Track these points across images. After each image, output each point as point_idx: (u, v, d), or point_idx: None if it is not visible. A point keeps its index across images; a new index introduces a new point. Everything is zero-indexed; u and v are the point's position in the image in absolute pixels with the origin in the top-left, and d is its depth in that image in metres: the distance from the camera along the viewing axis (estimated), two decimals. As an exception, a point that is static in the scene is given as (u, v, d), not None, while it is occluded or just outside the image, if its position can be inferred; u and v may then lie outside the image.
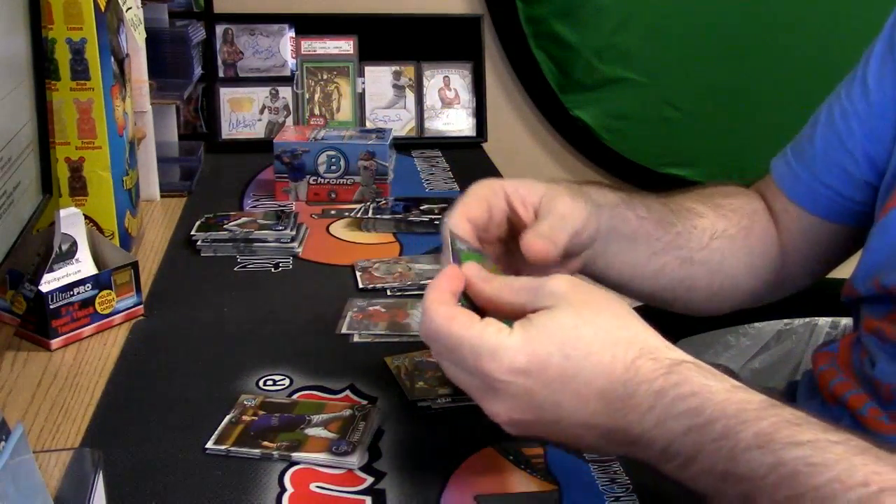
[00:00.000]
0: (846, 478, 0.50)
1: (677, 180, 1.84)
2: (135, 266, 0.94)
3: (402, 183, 1.40)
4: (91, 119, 1.02)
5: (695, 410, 0.55)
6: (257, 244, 1.12)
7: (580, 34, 1.77)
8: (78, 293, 0.90)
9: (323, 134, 1.35)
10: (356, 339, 0.91)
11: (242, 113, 1.60)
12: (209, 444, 0.72)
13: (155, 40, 1.36)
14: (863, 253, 0.83)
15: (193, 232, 1.14)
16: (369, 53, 1.64)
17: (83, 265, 0.92)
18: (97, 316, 0.91)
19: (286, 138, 1.33)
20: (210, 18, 1.60)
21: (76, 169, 1.03)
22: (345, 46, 1.63)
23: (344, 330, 0.93)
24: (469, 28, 1.69)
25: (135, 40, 1.20)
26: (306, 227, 1.19)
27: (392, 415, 0.78)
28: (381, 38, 1.65)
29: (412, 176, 1.47)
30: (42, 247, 0.92)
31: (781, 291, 0.94)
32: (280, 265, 1.09)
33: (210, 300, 1.00)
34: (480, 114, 1.67)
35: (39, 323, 0.88)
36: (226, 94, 1.60)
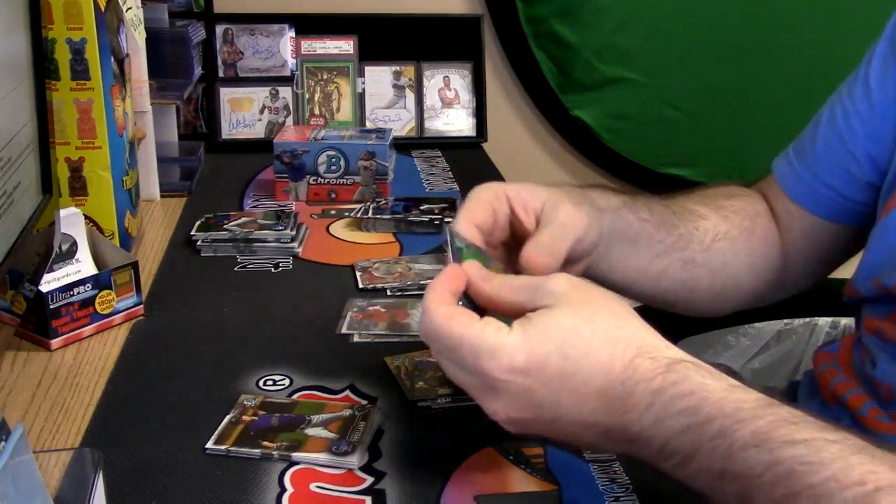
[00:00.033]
0: (842, 476, 0.50)
1: (677, 180, 1.84)
2: (135, 266, 0.95)
3: (402, 183, 1.40)
4: (91, 119, 1.02)
5: (692, 409, 0.55)
6: (257, 244, 1.12)
7: (580, 34, 1.77)
8: (78, 293, 0.90)
9: (323, 134, 1.35)
10: (356, 339, 0.91)
11: (242, 113, 1.60)
12: (209, 444, 0.72)
13: (155, 40, 1.36)
14: (864, 253, 0.82)
15: (193, 232, 1.14)
16: (369, 53, 1.64)
17: (83, 265, 0.92)
18: (97, 316, 0.91)
19: (286, 138, 1.33)
20: (210, 18, 1.60)
21: (76, 169, 1.03)
22: (345, 46, 1.63)
23: (344, 330, 0.93)
24: (469, 28, 1.69)
25: (135, 40, 1.20)
26: (306, 227, 1.19)
27: (392, 415, 0.77)
28: (381, 38, 1.65)
29: (412, 176, 1.47)
30: (42, 247, 0.92)
31: (783, 292, 0.94)
32: (280, 265, 1.09)
33: (210, 300, 1.00)
34: (480, 114, 1.67)
35: (39, 323, 0.88)
36: (226, 94, 1.60)
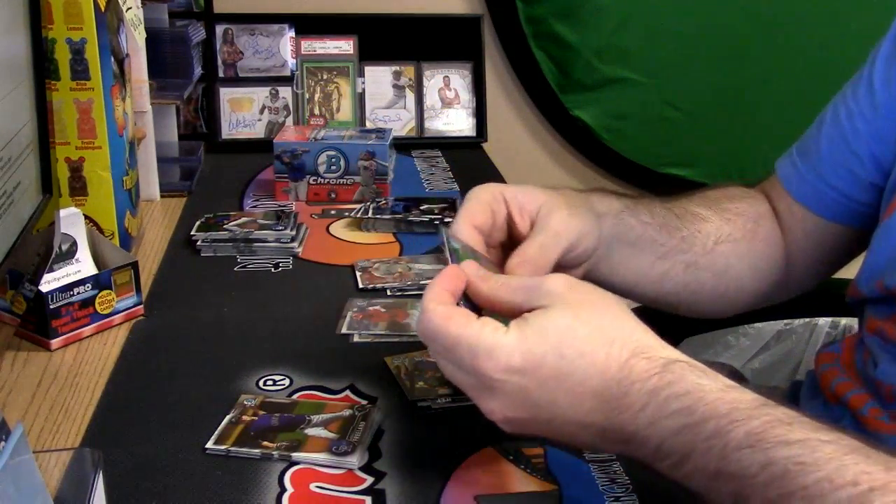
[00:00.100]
0: (836, 477, 0.50)
1: (677, 180, 1.84)
2: (135, 266, 0.94)
3: (402, 183, 1.40)
4: (91, 119, 1.02)
5: (687, 409, 0.55)
6: (257, 244, 1.12)
7: (580, 34, 1.77)
8: (78, 293, 0.90)
9: (323, 134, 1.35)
10: (356, 339, 0.91)
11: (242, 113, 1.60)
12: (209, 444, 0.72)
13: (155, 40, 1.36)
14: (867, 254, 0.82)
15: (193, 232, 1.14)
16: (369, 53, 1.64)
17: (83, 265, 0.92)
18: (97, 316, 0.91)
19: (286, 138, 1.33)
20: (210, 18, 1.60)
21: (76, 169, 1.03)
22: (345, 46, 1.63)
23: (344, 330, 0.93)
24: (469, 28, 1.69)
25: (135, 40, 1.20)
26: (306, 227, 1.19)
27: (392, 415, 0.78)
28: (381, 38, 1.65)
29: (412, 176, 1.47)
30: (42, 247, 0.92)
31: (787, 293, 0.93)
32: (280, 265, 1.09)
33: (210, 300, 1.00)
34: (480, 114, 1.67)
35: (39, 323, 0.88)
36: (226, 94, 1.60)
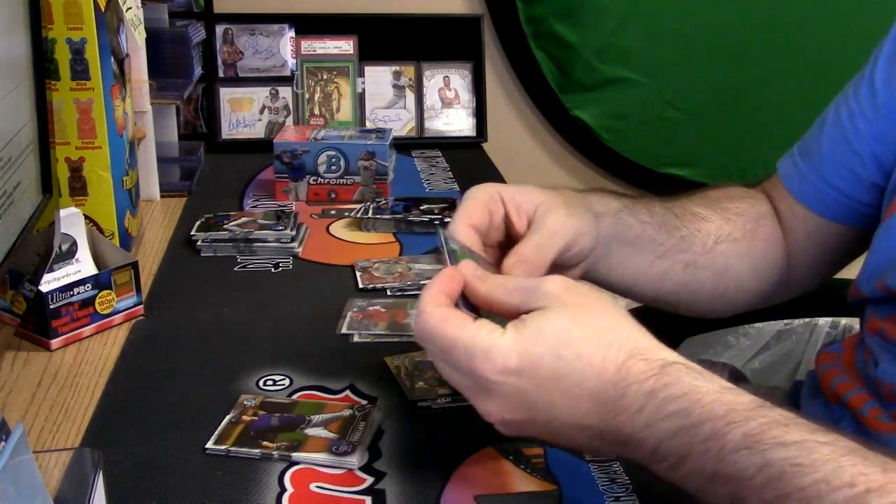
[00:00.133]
0: (833, 478, 0.50)
1: (677, 180, 1.84)
2: (135, 266, 0.94)
3: (402, 183, 1.40)
4: (91, 119, 1.02)
5: (684, 411, 0.55)
6: (257, 244, 1.12)
7: (580, 34, 1.77)
8: (78, 293, 0.90)
9: (323, 134, 1.35)
10: (356, 339, 0.91)
11: (242, 113, 1.60)
12: (209, 444, 0.72)
13: (155, 40, 1.36)
14: (868, 255, 0.82)
15: (193, 232, 1.14)
16: (369, 53, 1.64)
17: (83, 265, 0.92)
18: (97, 316, 0.91)
19: (286, 138, 1.33)
20: (210, 18, 1.60)
21: (76, 169, 1.03)
22: (345, 46, 1.63)
23: (344, 330, 0.93)
24: (469, 28, 1.69)
25: (135, 40, 1.20)
26: (306, 227, 1.19)
27: (392, 415, 0.78)
28: (381, 38, 1.65)
29: (412, 176, 1.47)
30: (42, 247, 0.92)
31: (788, 293, 0.93)
32: (280, 265, 1.09)
33: (210, 300, 1.00)
34: (480, 114, 1.67)
35: (39, 323, 0.88)
36: (226, 94, 1.60)
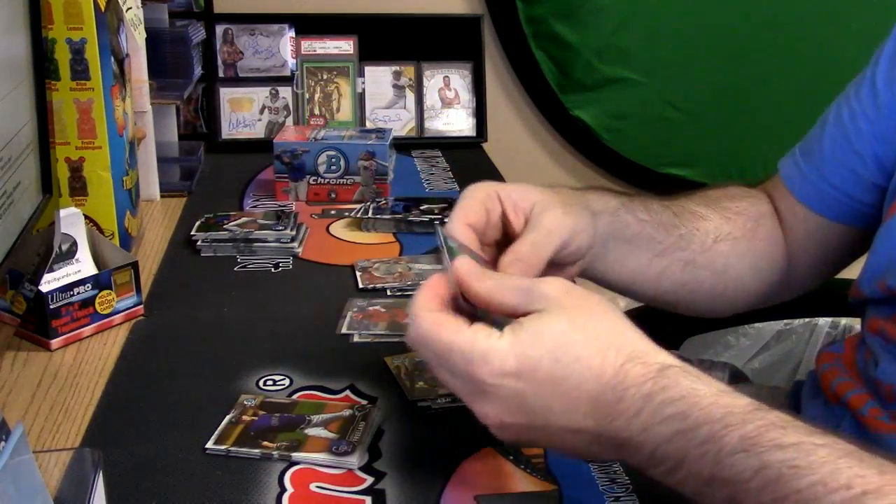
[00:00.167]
0: (830, 480, 0.50)
1: (677, 180, 1.84)
2: (135, 266, 0.94)
3: (402, 183, 1.40)
4: (91, 119, 1.02)
5: (682, 414, 0.55)
6: (257, 244, 1.12)
7: (580, 34, 1.77)
8: (78, 293, 0.90)
9: (323, 134, 1.35)
10: (356, 339, 0.91)
11: (242, 113, 1.60)
12: (209, 444, 0.72)
13: (155, 40, 1.36)
14: (869, 255, 0.82)
15: (193, 232, 1.14)
16: (369, 53, 1.64)
17: (83, 265, 0.92)
18: (97, 316, 0.91)
19: (286, 138, 1.33)
20: (210, 18, 1.60)
21: (76, 169, 1.03)
22: (345, 46, 1.63)
23: (344, 330, 0.93)
24: (469, 28, 1.69)
25: (135, 40, 1.20)
26: (306, 227, 1.19)
27: (392, 415, 0.78)
28: (381, 38, 1.65)
29: (412, 176, 1.47)
30: (42, 247, 0.92)
31: (788, 293, 0.93)
32: (280, 265, 1.09)
33: (210, 300, 1.00)
34: (480, 114, 1.67)
35: (39, 323, 0.88)
36: (226, 94, 1.60)
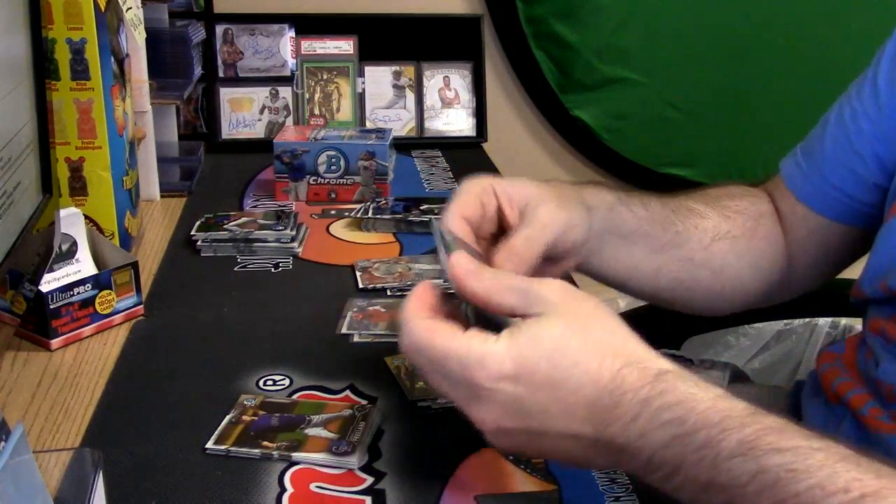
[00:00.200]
0: (828, 484, 0.49)
1: (677, 180, 1.84)
2: (135, 266, 0.94)
3: (402, 183, 1.40)
4: (91, 119, 1.02)
5: (679, 419, 0.54)
6: (257, 244, 1.12)
7: (580, 34, 1.77)
8: (78, 293, 0.90)
9: (323, 134, 1.35)
10: (356, 339, 0.91)
11: (242, 113, 1.60)
12: (209, 444, 0.72)
13: (155, 40, 1.36)
14: (870, 255, 0.82)
15: (193, 232, 1.14)
16: (369, 53, 1.64)
17: (83, 265, 0.92)
18: (97, 316, 0.91)
19: (286, 138, 1.33)
20: (210, 18, 1.60)
21: (76, 169, 1.03)
22: (345, 46, 1.63)
23: (344, 330, 0.93)
24: (469, 28, 1.69)
25: (135, 40, 1.20)
26: (306, 227, 1.19)
27: (392, 415, 0.78)
28: (381, 38, 1.65)
29: (412, 176, 1.47)
30: (42, 247, 0.92)
31: (789, 293, 0.93)
32: (280, 265, 1.09)
33: (210, 300, 1.00)
34: (480, 114, 1.67)
35: (39, 323, 0.88)
36: (226, 94, 1.60)
